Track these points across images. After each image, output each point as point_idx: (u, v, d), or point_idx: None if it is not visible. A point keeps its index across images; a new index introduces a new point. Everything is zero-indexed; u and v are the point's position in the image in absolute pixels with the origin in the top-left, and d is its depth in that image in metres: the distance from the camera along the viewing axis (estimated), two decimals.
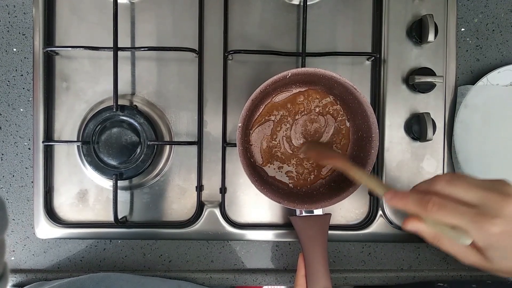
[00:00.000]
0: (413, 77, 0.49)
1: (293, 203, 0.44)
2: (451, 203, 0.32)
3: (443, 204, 0.32)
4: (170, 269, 0.54)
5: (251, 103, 0.42)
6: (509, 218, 0.31)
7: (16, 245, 0.53)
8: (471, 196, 0.32)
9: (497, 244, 0.32)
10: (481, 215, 0.31)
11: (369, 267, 0.54)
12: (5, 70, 0.53)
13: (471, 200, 0.32)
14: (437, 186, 0.34)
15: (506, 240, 0.31)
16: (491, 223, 0.31)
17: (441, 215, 0.32)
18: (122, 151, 0.49)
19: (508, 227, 0.31)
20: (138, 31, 0.52)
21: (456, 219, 0.32)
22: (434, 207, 0.32)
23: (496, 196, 0.31)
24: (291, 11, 0.52)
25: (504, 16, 0.54)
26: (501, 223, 0.30)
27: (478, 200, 0.32)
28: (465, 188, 0.33)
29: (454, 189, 0.33)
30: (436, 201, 0.33)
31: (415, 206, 0.34)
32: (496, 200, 0.31)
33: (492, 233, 0.31)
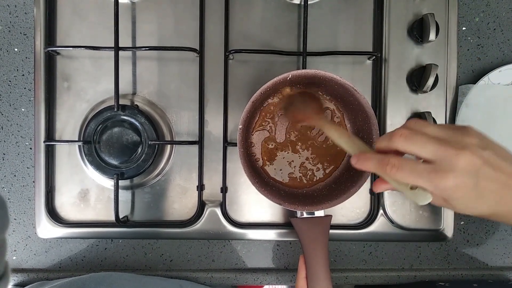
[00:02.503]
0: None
1: (294, 205, 0.44)
2: (407, 164, 0.33)
3: (400, 165, 0.33)
4: (171, 268, 0.54)
5: (251, 105, 0.42)
6: (461, 171, 0.31)
7: (17, 244, 0.53)
8: (427, 152, 0.32)
9: (454, 195, 0.32)
10: (435, 171, 0.32)
11: (370, 267, 0.54)
12: (7, 70, 0.53)
13: (427, 156, 0.32)
14: (395, 143, 0.34)
15: (462, 192, 0.32)
16: (444, 178, 0.31)
17: (400, 176, 0.33)
18: (123, 150, 0.49)
19: (461, 180, 0.31)
20: (139, 30, 0.52)
21: (413, 179, 0.33)
22: (393, 169, 0.33)
23: (451, 151, 0.31)
24: (292, 10, 0.52)
25: (505, 15, 0.54)
26: (453, 177, 0.31)
27: (433, 155, 0.32)
28: (421, 144, 0.33)
29: (411, 146, 0.33)
30: (394, 162, 0.33)
31: (376, 169, 0.35)
32: (450, 154, 0.31)
33: (447, 187, 0.31)
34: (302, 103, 0.46)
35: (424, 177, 0.32)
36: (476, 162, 0.31)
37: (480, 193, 0.32)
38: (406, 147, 0.34)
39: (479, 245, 0.55)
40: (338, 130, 0.40)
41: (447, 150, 0.32)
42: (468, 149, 0.31)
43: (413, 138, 0.33)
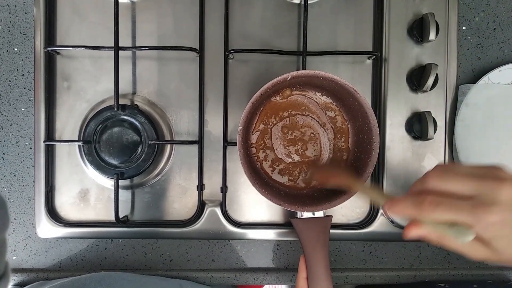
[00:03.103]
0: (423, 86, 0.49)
1: (294, 205, 0.44)
2: (446, 199, 0.31)
3: (438, 201, 0.31)
4: (171, 268, 0.54)
5: (251, 106, 0.42)
6: (506, 204, 0.29)
7: (17, 244, 0.53)
8: (466, 188, 0.31)
9: (500, 233, 0.30)
10: (478, 206, 0.30)
11: (370, 266, 0.54)
12: (6, 70, 0.53)
13: (466, 192, 0.31)
14: (430, 183, 0.33)
15: (508, 227, 0.30)
16: (490, 212, 0.29)
17: (439, 213, 0.31)
18: (123, 150, 0.49)
19: (507, 213, 0.29)
20: (139, 30, 0.52)
21: (454, 215, 0.31)
22: (431, 206, 0.31)
23: (491, 183, 0.30)
24: (292, 10, 0.52)
25: (505, 14, 0.54)
26: (499, 211, 0.29)
27: (472, 190, 0.31)
28: (458, 181, 0.31)
29: (447, 183, 0.32)
30: (431, 200, 0.31)
31: (411, 210, 0.33)
32: (490, 187, 0.30)
33: (492, 222, 0.29)
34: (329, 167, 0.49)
35: (466, 211, 0.30)
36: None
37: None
38: (441, 185, 0.32)
39: None
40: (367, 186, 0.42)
41: (487, 183, 0.30)
42: (508, 181, 0.30)
43: (447, 175, 0.32)
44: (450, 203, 0.31)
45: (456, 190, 0.31)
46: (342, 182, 0.42)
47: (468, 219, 0.30)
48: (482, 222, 0.30)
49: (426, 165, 0.51)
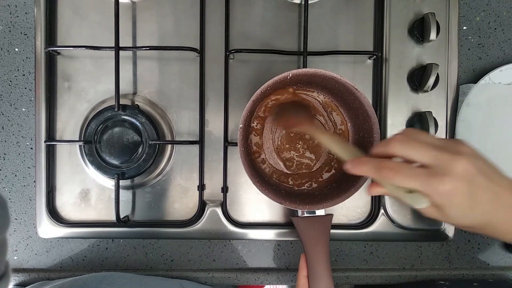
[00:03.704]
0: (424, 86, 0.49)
1: (294, 204, 0.44)
2: (404, 168, 0.33)
3: (397, 169, 0.33)
4: (172, 268, 0.54)
5: (252, 104, 0.42)
6: (458, 176, 0.31)
7: (18, 244, 0.54)
8: (425, 157, 0.33)
9: (450, 202, 0.32)
10: (432, 175, 0.32)
11: (371, 266, 0.54)
12: (7, 70, 0.53)
13: (424, 161, 0.33)
14: (392, 148, 0.34)
15: (458, 198, 0.32)
16: (441, 182, 0.31)
17: (396, 180, 0.33)
18: (124, 150, 0.49)
19: (458, 185, 0.31)
20: (139, 30, 0.52)
21: (410, 182, 0.32)
22: (390, 173, 0.33)
23: (448, 155, 0.32)
24: (293, 10, 0.52)
25: (506, 14, 0.54)
26: (450, 181, 0.31)
27: (430, 160, 0.32)
28: (419, 149, 0.33)
29: (408, 150, 0.34)
30: (391, 167, 0.33)
31: (372, 173, 0.35)
32: (446, 159, 0.32)
33: (443, 192, 0.32)
34: (294, 110, 0.47)
35: (422, 180, 0.32)
36: (471, 169, 0.32)
37: (474, 202, 0.32)
38: (403, 151, 0.34)
39: (480, 245, 0.55)
40: (330, 135, 0.41)
41: (444, 155, 0.32)
42: (464, 155, 0.32)
43: (410, 143, 0.34)
44: (407, 171, 0.33)
45: (416, 158, 0.33)
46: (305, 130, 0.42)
47: (423, 187, 0.32)
48: (433, 190, 0.32)
49: None
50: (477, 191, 0.32)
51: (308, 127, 0.43)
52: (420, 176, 0.32)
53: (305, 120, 0.44)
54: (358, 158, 0.36)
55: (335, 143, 0.40)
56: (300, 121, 0.44)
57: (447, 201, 0.32)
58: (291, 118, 0.45)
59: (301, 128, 0.44)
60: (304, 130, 0.43)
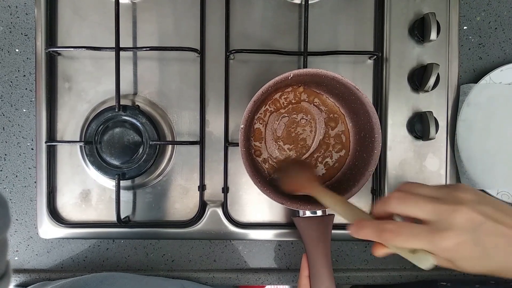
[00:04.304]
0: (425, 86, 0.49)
1: (296, 204, 0.44)
2: (405, 228, 0.32)
3: (397, 230, 0.32)
4: (173, 268, 0.54)
5: (253, 104, 0.42)
6: (461, 228, 0.30)
7: (19, 245, 0.54)
8: (423, 212, 0.32)
9: (458, 255, 0.31)
10: (434, 232, 0.30)
11: (372, 266, 0.54)
12: (8, 71, 0.53)
13: (423, 216, 0.32)
14: (390, 207, 0.34)
15: (466, 250, 0.30)
16: (445, 238, 0.30)
17: (398, 241, 0.31)
18: (125, 151, 0.49)
19: (462, 238, 0.30)
20: (139, 31, 0.52)
21: (412, 243, 0.31)
22: (391, 235, 0.32)
23: (446, 208, 0.31)
24: (293, 10, 0.52)
25: (506, 14, 0.54)
26: (453, 236, 0.30)
27: (429, 215, 0.31)
28: (416, 204, 0.32)
29: (406, 207, 0.33)
30: (391, 229, 0.32)
31: (373, 237, 0.33)
32: (446, 212, 0.31)
33: (448, 248, 0.30)
34: (296, 171, 0.46)
35: (422, 239, 0.31)
36: (474, 217, 0.30)
37: (485, 250, 0.30)
38: (401, 210, 0.33)
39: None
40: (333, 197, 0.40)
41: (443, 208, 0.31)
42: (464, 204, 0.31)
43: (407, 199, 0.33)
44: (407, 231, 0.31)
45: (414, 214, 0.32)
46: (309, 192, 0.42)
47: (426, 245, 0.31)
48: (439, 247, 0.30)
49: (428, 165, 0.51)
50: (485, 239, 0.30)
51: (312, 190, 0.42)
52: (420, 235, 0.31)
53: (308, 183, 0.43)
54: (360, 222, 0.35)
55: (339, 205, 0.39)
56: (304, 185, 0.43)
57: (454, 255, 0.31)
58: (293, 182, 0.45)
59: (304, 191, 0.43)
60: (307, 192, 0.42)
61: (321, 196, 0.41)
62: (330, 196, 0.40)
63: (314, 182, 0.43)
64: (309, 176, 0.45)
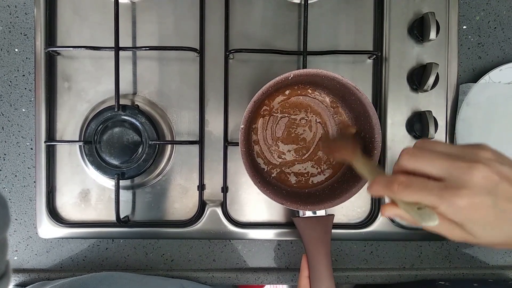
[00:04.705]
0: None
1: (296, 204, 0.44)
2: (416, 181, 0.30)
3: (408, 183, 0.30)
4: (172, 268, 0.54)
5: (253, 104, 0.42)
6: (477, 187, 0.28)
7: (18, 245, 0.54)
8: (436, 168, 0.30)
9: (471, 217, 0.28)
10: (447, 189, 0.28)
11: (371, 266, 0.54)
12: (7, 71, 0.53)
13: (436, 172, 0.30)
14: (401, 161, 0.32)
15: (480, 212, 0.28)
16: (458, 196, 0.28)
17: (408, 193, 0.30)
18: (124, 150, 0.49)
19: (478, 198, 0.28)
20: (139, 30, 0.52)
21: (423, 196, 0.29)
22: (400, 187, 0.30)
23: (462, 165, 0.28)
24: (292, 9, 0.52)
25: (506, 13, 0.54)
26: (468, 195, 0.28)
27: (443, 171, 0.29)
28: (430, 160, 0.30)
29: (418, 162, 0.31)
30: (401, 181, 0.30)
31: (382, 190, 0.32)
32: (462, 169, 0.28)
33: (461, 207, 0.28)
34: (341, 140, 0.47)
35: (434, 194, 0.29)
36: (492, 177, 0.28)
37: (501, 215, 0.28)
38: (413, 164, 0.31)
39: None
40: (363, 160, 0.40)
41: (459, 164, 0.29)
42: (482, 162, 0.28)
43: (419, 155, 0.31)
44: (419, 184, 0.30)
45: (426, 170, 0.30)
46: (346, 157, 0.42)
47: (437, 201, 0.29)
48: (450, 205, 0.28)
49: None
50: (503, 201, 0.28)
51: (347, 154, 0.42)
52: (433, 190, 0.29)
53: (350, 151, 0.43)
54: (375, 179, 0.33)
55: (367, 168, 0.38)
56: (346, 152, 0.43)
57: (467, 218, 0.29)
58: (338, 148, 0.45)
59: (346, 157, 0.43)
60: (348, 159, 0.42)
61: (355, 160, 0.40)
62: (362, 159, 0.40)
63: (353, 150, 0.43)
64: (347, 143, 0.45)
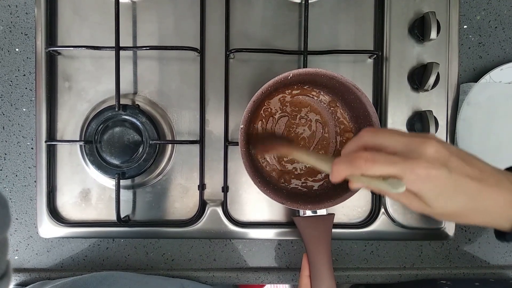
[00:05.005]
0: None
1: (296, 204, 0.44)
2: (381, 155, 0.32)
3: (374, 158, 0.32)
4: (173, 267, 0.54)
5: (253, 104, 0.42)
6: (431, 159, 0.31)
7: (19, 244, 0.54)
8: (396, 143, 0.33)
9: (428, 186, 0.32)
10: (408, 159, 0.31)
11: (371, 265, 0.54)
12: (8, 70, 0.53)
13: (395, 146, 0.33)
14: (364, 138, 0.34)
15: (435, 182, 0.31)
16: (417, 165, 0.31)
17: (376, 169, 0.32)
18: (125, 150, 0.49)
19: (434, 168, 0.31)
20: (139, 30, 0.52)
21: (389, 168, 0.32)
22: (367, 163, 0.32)
23: (418, 140, 0.32)
24: (293, 9, 0.52)
25: (506, 13, 0.54)
26: (426, 166, 0.31)
27: (402, 146, 0.32)
28: (390, 137, 0.33)
29: (379, 138, 0.34)
30: (365, 156, 0.32)
31: (349, 168, 0.33)
32: (417, 143, 0.32)
33: (420, 177, 0.31)
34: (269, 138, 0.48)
35: (398, 166, 0.31)
36: (443, 151, 0.31)
37: (454, 186, 0.32)
38: (373, 139, 0.34)
39: (480, 244, 0.55)
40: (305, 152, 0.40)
41: (414, 140, 0.32)
42: (433, 139, 0.32)
43: (380, 132, 0.34)
44: (384, 159, 0.32)
45: (388, 145, 0.33)
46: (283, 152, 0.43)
47: (400, 172, 0.31)
48: (411, 174, 0.31)
49: None
50: (455, 174, 0.32)
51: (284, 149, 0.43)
52: (397, 163, 0.32)
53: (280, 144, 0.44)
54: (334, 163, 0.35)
55: (312, 158, 0.39)
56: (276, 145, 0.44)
57: (425, 188, 0.32)
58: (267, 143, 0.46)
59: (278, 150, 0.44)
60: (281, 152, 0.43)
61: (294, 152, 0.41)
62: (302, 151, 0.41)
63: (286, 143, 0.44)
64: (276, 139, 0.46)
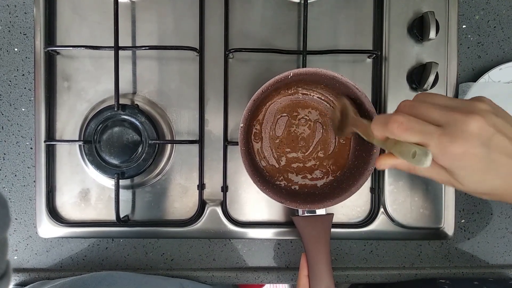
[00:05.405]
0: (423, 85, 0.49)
1: (295, 203, 0.44)
2: (416, 122, 0.31)
3: (408, 123, 0.31)
4: (172, 267, 0.54)
5: (252, 103, 0.42)
6: (471, 138, 0.29)
7: (18, 244, 0.54)
8: (436, 115, 0.31)
9: (462, 165, 0.30)
10: (445, 135, 0.29)
11: (370, 265, 0.54)
12: (7, 70, 0.53)
13: (436, 120, 0.31)
14: (401, 111, 0.33)
15: (472, 161, 0.29)
16: (454, 142, 0.29)
17: (408, 134, 0.30)
18: (124, 150, 0.49)
19: (471, 147, 0.29)
20: (139, 30, 0.52)
21: (422, 138, 0.30)
22: (400, 127, 0.31)
23: (459, 115, 0.30)
24: (292, 9, 0.52)
25: (505, 12, 0.54)
26: (463, 144, 0.29)
27: (442, 119, 0.30)
28: (428, 110, 0.31)
29: (419, 108, 0.32)
30: (401, 120, 0.31)
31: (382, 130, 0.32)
32: (458, 119, 0.29)
33: (454, 154, 0.29)
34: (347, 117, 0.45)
35: (433, 138, 0.30)
36: (487, 129, 0.29)
37: (491, 165, 0.30)
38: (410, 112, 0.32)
39: (479, 243, 0.55)
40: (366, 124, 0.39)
41: (456, 115, 0.30)
42: (479, 114, 0.29)
43: (418, 105, 0.32)
44: (419, 126, 0.31)
45: (427, 116, 0.31)
46: (360, 129, 0.40)
47: (434, 146, 0.30)
48: (445, 151, 0.29)
49: None
50: (494, 153, 0.29)
51: (362, 129, 0.40)
52: (432, 134, 0.30)
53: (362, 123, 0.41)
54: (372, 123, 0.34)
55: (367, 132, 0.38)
56: (356, 123, 0.42)
57: (458, 165, 0.30)
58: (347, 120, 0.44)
59: (356, 129, 0.42)
60: (359, 131, 0.41)
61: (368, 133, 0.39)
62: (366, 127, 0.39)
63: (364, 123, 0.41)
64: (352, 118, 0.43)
